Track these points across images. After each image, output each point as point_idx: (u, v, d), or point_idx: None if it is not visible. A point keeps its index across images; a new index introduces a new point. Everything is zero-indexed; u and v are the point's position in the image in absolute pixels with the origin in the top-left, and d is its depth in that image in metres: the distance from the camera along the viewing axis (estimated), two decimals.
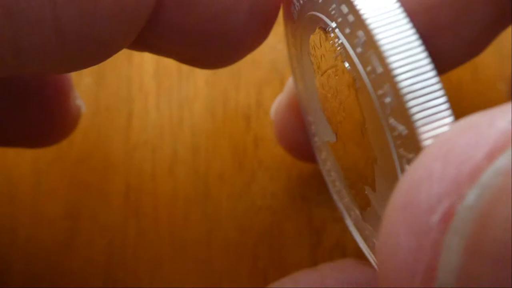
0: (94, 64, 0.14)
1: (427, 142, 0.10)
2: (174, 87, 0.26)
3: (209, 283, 0.23)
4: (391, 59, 0.10)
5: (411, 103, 0.10)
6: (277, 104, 0.22)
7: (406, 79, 0.10)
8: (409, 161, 0.11)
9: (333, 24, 0.13)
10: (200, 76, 0.26)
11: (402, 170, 0.11)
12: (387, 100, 0.11)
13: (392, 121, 0.11)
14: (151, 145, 0.25)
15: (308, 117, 0.19)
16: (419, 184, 0.08)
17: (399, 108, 0.11)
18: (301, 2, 0.15)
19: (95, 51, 0.13)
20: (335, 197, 0.19)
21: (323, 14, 0.13)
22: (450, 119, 0.10)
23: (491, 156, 0.08)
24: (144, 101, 0.26)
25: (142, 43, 0.15)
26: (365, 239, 0.17)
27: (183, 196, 0.24)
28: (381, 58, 0.11)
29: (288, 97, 0.21)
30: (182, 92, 0.26)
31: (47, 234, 0.24)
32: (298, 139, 0.21)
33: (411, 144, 0.10)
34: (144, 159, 0.24)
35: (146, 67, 0.26)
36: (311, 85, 0.17)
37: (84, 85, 0.19)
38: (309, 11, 0.14)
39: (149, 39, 0.15)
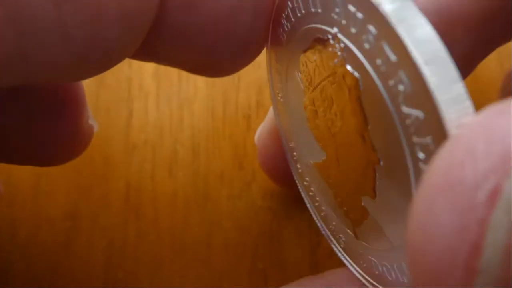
0: (101, 72, 0.14)
1: (451, 121, 0.10)
2: (174, 87, 0.26)
3: (209, 283, 0.23)
4: (408, 41, 0.11)
5: (432, 84, 0.10)
6: (259, 130, 0.22)
7: (425, 61, 0.10)
8: (424, 147, 0.11)
9: (335, 30, 0.13)
10: (200, 76, 0.26)
11: (415, 159, 0.11)
12: (400, 88, 0.11)
13: (405, 109, 0.11)
14: (151, 145, 0.25)
15: (290, 144, 0.19)
16: (461, 162, 0.08)
17: (417, 92, 0.11)
18: (293, 20, 0.15)
19: (101, 57, 0.13)
20: (320, 224, 0.19)
21: (322, 23, 0.14)
22: (469, 102, 0.10)
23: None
24: (144, 101, 0.26)
25: (147, 50, 0.15)
26: (358, 261, 0.16)
27: (183, 196, 0.24)
28: (397, 44, 0.11)
29: (270, 125, 0.21)
30: (182, 92, 0.26)
31: (47, 234, 0.24)
32: (280, 166, 0.21)
33: (429, 127, 0.11)
34: (144, 159, 0.24)
35: (146, 67, 0.26)
36: (297, 107, 0.17)
37: (84, 85, 0.19)
38: (304, 25, 0.14)
39: (154, 45, 0.15)
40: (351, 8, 0.12)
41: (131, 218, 0.24)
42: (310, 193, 0.18)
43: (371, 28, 0.12)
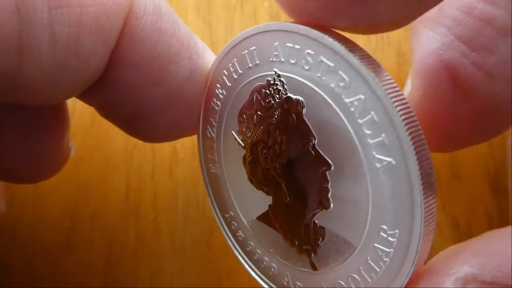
0: (75, 91, 0.17)
1: (386, 94, 0.14)
2: None
3: (209, 283, 0.23)
4: (341, 49, 0.14)
5: (365, 71, 0.14)
6: None
7: (359, 57, 0.14)
8: (370, 123, 0.14)
9: (274, 70, 0.16)
10: None
11: (363, 136, 0.14)
12: (341, 84, 0.15)
13: (347, 100, 0.14)
14: (151, 145, 0.25)
15: (227, 215, 0.19)
16: None
17: (355, 82, 0.14)
18: (230, 84, 0.18)
19: (79, 65, 0.15)
20: (271, 285, 0.19)
21: (261, 72, 0.17)
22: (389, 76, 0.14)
23: None
24: None
25: (92, 92, 0.17)
26: None
27: (183, 196, 0.24)
28: (332, 53, 0.15)
29: None
30: None
31: (47, 234, 0.24)
32: None
33: (371, 104, 0.14)
34: (144, 159, 0.24)
35: None
36: (236, 168, 0.18)
37: None
38: (242, 83, 0.17)
39: (101, 91, 0.17)
40: (289, 44, 0.16)
41: (131, 218, 0.24)
42: (255, 257, 0.18)
43: (309, 51, 0.15)
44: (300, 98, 0.16)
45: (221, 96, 0.18)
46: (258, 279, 0.19)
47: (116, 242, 0.23)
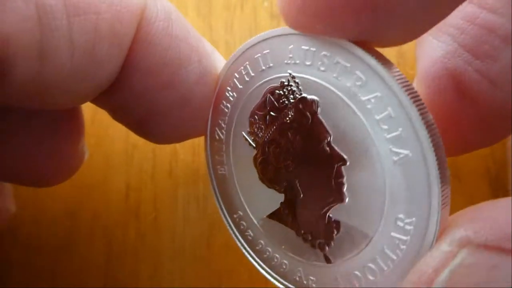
0: (92, 95, 0.17)
1: (402, 91, 0.14)
2: None
3: (209, 283, 0.23)
4: (357, 50, 0.15)
5: (380, 68, 0.15)
6: None
7: (376, 58, 0.15)
8: (386, 119, 0.15)
9: (288, 72, 0.17)
10: None
11: (379, 132, 0.15)
12: (357, 84, 0.15)
13: (364, 98, 0.15)
14: (151, 145, 0.25)
15: (235, 215, 0.20)
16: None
17: (371, 80, 0.15)
18: (241, 87, 0.18)
19: (94, 74, 0.16)
20: (282, 282, 0.19)
21: (275, 74, 0.17)
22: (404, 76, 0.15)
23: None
24: None
25: (107, 98, 0.18)
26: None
27: (183, 196, 0.24)
28: (350, 54, 0.15)
29: None
30: None
31: (48, 234, 0.24)
32: None
33: (388, 100, 0.15)
34: (144, 159, 0.24)
35: None
36: (246, 168, 0.19)
37: None
38: (254, 85, 0.18)
39: (112, 95, 0.17)
40: (304, 47, 0.16)
41: (131, 218, 0.24)
42: (265, 255, 0.19)
43: (325, 53, 0.16)
44: (315, 97, 0.16)
45: (231, 99, 0.19)
46: (269, 277, 0.19)
47: (116, 242, 0.23)
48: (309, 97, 0.17)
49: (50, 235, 0.24)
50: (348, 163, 0.16)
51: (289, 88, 0.17)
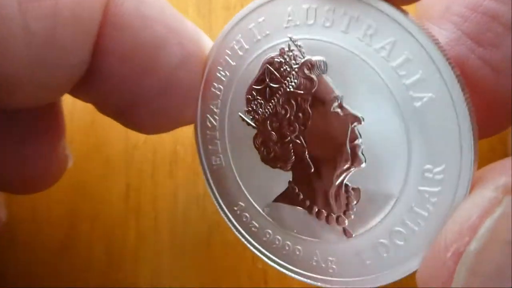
0: (58, 92, 0.17)
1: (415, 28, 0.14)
2: None
3: (209, 283, 0.23)
4: None
5: (396, 14, 0.14)
6: None
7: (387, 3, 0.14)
8: (404, 62, 0.14)
9: (288, 36, 0.16)
10: None
11: (396, 78, 0.14)
12: (369, 32, 0.14)
13: (376, 45, 0.14)
14: (151, 145, 0.25)
15: (236, 207, 0.18)
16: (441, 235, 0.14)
17: (384, 26, 0.14)
18: (234, 64, 0.17)
19: (57, 60, 0.15)
20: (296, 271, 0.18)
21: (272, 41, 0.16)
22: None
23: (482, 217, 0.13)
24: None
25: (83, 88, 0.17)
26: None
27: (183, 196, 0.24)
28: (357, 5, 0.14)
29: None
30: None
31: (47, 234, 0.24)
32: None
33: (404, 45, 0.14)
34: (144, 159, 0.24)
35: None
36: (243, 156, 0.17)
37: None
38: (250, 58, 0.17)
39: (90, 84, 0.17)
40: (304, 5, 0.15)
41: (131, 218, 0.24)
42: (274, 245, 0.17)
43: (329, 7, 0.15)
44: (322, 58, 0.16)
45: (224, 79, 0.17)
46: (281, 269, 0.18)
47: (116, 242, 0.23)
48: (314, 58, 0.16)
49: (50, 235, 0.24)
50: (363, 122, 0.15)
51: (290, 54, 0.16)
